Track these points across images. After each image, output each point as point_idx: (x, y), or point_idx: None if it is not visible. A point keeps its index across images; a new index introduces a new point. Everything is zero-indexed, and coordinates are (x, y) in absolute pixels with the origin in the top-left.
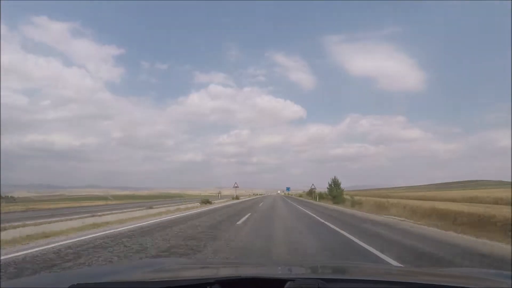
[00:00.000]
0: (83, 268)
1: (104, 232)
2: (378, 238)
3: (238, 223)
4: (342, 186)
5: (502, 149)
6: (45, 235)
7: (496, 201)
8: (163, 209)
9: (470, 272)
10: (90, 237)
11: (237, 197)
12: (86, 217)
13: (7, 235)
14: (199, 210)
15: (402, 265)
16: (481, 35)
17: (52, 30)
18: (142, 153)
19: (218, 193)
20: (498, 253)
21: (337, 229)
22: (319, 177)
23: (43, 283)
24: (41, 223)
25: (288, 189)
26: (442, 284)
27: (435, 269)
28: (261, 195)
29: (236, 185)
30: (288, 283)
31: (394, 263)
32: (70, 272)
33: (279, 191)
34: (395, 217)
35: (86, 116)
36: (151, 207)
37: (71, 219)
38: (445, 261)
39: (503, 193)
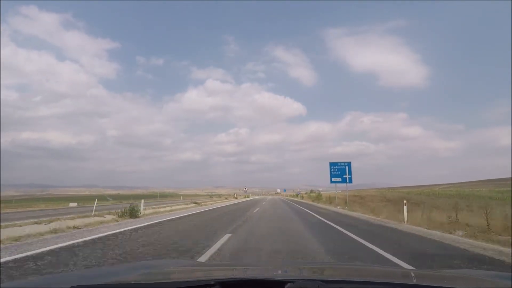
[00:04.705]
0: (83, 270)
1: None
2: None
3: None
4: (341, 185)
5: (503, 147)
6: None
7: None
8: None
9: (470, 273)
10: None
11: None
12: None
13: None
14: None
15: (401, 267)
16: (485, 33)
17: (42, 21)
18: (140, 152)
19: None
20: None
21: None
22: (319, 175)
23: (44, 285)
24: None
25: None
26: (442, 286)
27: (435, 271)
28: (246, 198)
29: None
30: (288, 285)
31: None
32: (70, 274)
33: (278, 190)
34: None
35: (82, 114)
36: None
37: None
38: None
39: None
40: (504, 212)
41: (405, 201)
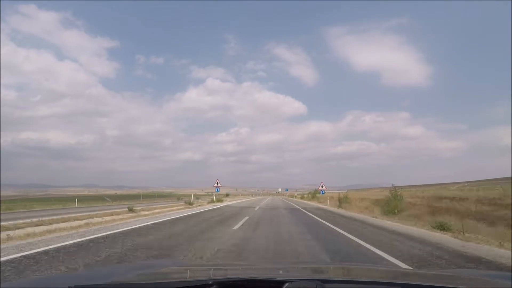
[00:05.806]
0: (82, 270)
1: None
2: None
3: None
4: (340, 185)
5: (507, 146)
6: None
7: None
8: None
9: (470, 273)
10: None
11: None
12: None
13: None
14: None
15: (401, 267)
16: (488, 31)
17: (41, 20)
18: (139, 152)
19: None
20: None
21: None
22: (319, 176)
23: (42, 285)
24: None
25: None
26: (442, 285)
27: (435, 270)
28: (219, 202)
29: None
30: (286, 284)
31: None
32: (68, 274)
33: (279, 190)
34: None
35: (81, 113)
36: None
37: None
38: None
39: None
40: None
41: None
